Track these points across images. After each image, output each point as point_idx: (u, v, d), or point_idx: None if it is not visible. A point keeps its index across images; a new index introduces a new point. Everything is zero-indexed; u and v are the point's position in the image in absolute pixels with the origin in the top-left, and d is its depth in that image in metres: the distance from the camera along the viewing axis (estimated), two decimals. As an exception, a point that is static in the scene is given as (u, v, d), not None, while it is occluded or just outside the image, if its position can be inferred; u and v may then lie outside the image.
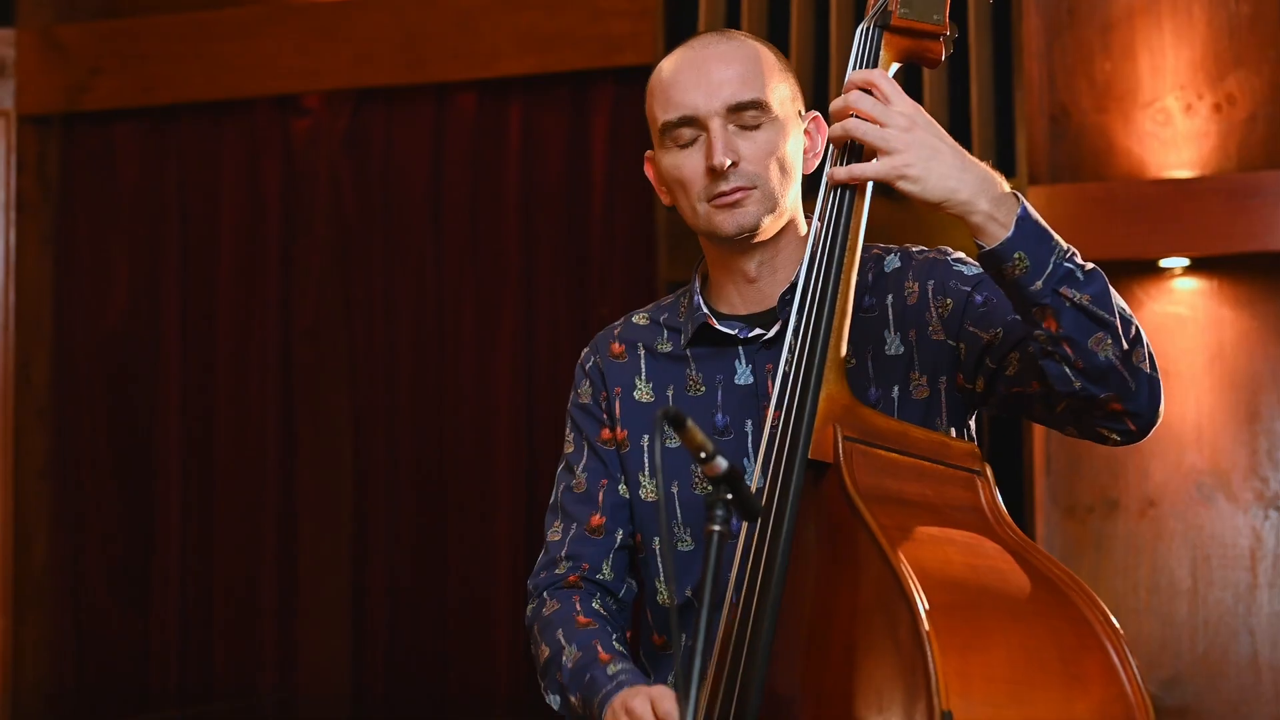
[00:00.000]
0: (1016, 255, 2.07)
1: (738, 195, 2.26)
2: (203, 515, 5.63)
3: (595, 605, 2.39)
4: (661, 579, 2.40)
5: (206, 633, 5.60)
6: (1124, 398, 2.12)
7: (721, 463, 1.82)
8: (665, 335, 2.44)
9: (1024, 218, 2.09)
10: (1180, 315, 4.61)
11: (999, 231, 2.08)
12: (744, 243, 2.31)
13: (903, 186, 2.08)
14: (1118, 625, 1.96)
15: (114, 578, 5.71)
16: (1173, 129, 4.62)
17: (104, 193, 5.78)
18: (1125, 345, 2.10)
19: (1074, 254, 2.12)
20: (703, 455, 1.81)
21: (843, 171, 2.14)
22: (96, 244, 5.80)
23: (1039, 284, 2.07)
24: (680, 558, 2.37)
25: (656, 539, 2.40)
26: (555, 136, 5.28)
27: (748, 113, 2.26)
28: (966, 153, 2.12)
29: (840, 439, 2.06)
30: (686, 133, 2.28)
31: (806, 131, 2.36)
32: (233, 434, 5.61)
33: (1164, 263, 4.55)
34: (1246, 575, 4.56)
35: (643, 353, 2.44)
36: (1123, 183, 4.57)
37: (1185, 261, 4.55)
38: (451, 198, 5.43)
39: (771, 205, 2.28)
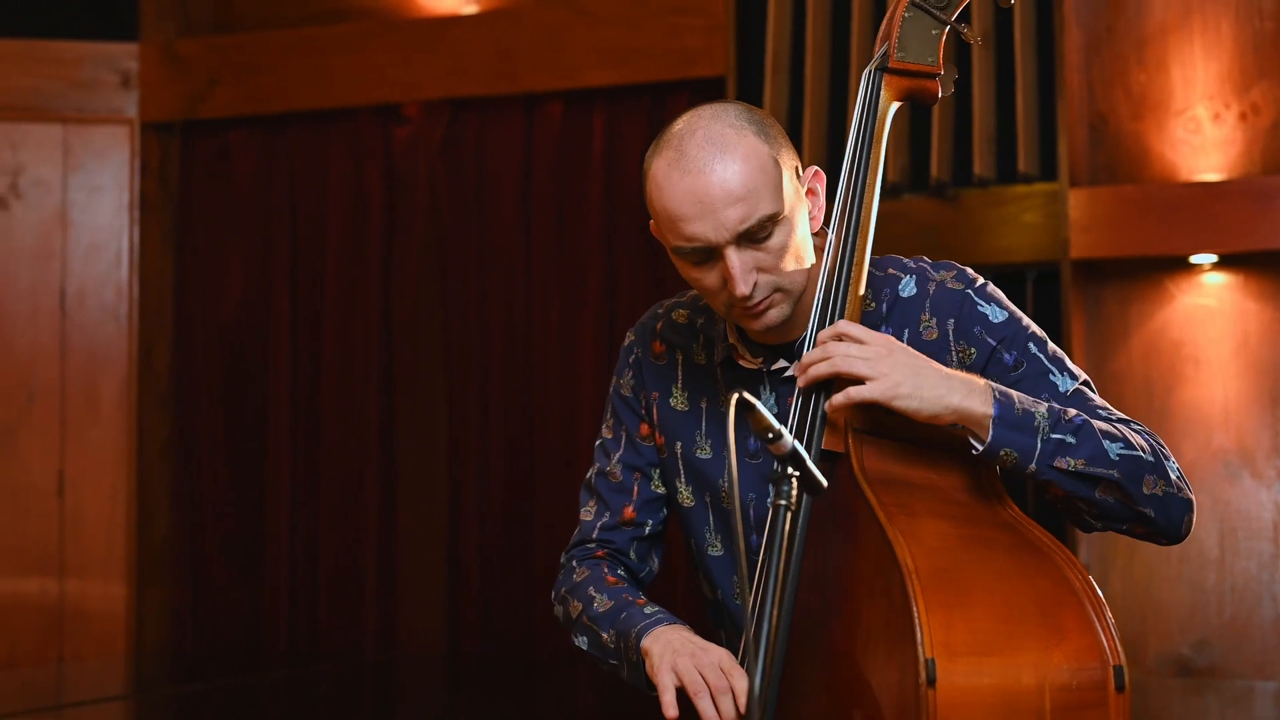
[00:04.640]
0: (1003, 452, 2.10)
1: (763, 305, 2.22)
2: (310, 492, 5.71)
3: (620, 573, 2.46)
4: (700, 573, 2.45)
5: (313, 599, 5.69)
6: (1144, 526, 2.17)
7: (788, 442, 1.86)
8: (700, 343, 2.42)
9: (1000, 415, 2.09)
10: (1209, 307, 4.67)
11: (985, 433, 2.10)
12: None
13: (899, 404, 2.07)
14: (1097, 587, 2.03)
15: (228, 549, 5.82)
16: (1202, 136, 4.68)
17: (220, 194, 5.87)
18: (1132, 487, 2.12)
19: (1060, 415, 2.12)
20: (770, 436, 1.85)
21: (840, 397, 2.10)
22: (213, 241, 5.87)
23: (1032, 466, 2.10)
24: (712, 562, 2.42)
25: (691, 540, 2.45)
26: (635, 143, 5.32)
27: (760, 230, 2.18)
28: (941, 366, 2.12)
29: (850, 432, 2.14)
30: (700, 254, 2.20)
31: (810, 191, 2.28)
32: (338, 417, 5.68)
33: (1194, 259, 4.60)
34: (1270, 546, 4.64)
35: (680, 359, 2.43)
36: (1156, 185, 4.61)
37: (1214, 258, 4.60)
38: (540, 199, 5.49)
39: (795, 296, 2.24)
